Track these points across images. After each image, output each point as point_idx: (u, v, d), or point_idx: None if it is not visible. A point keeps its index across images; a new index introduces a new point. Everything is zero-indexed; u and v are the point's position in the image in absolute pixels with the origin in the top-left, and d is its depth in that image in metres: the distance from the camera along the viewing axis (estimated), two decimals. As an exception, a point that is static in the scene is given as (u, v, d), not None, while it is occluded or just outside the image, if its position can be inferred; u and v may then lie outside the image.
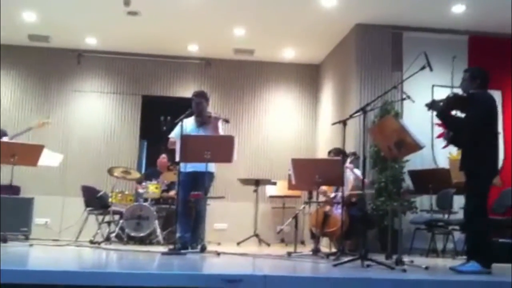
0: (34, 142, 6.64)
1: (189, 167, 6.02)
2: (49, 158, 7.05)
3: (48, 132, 8.95)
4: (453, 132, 4.88)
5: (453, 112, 4.94)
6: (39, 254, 5.52)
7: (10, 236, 6.80)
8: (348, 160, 6.40)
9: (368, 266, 4.47)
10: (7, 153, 6.13)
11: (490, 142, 4.61)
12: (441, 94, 7.66)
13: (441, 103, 4.77)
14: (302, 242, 8.34)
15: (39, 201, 8.12)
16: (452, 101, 4.79)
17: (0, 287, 3.24)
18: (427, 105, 4.83)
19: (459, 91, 5.00)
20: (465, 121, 4.71)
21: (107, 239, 7.16)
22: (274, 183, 8.75)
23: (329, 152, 6.76)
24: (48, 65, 9.67)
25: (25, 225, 7.72)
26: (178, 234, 5.90)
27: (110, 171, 7.73)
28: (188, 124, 6.15)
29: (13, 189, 7.95)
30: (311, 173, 5.75)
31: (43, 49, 9.57)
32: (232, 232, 8.73)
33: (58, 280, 3.35)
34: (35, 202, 8.00)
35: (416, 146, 5.00)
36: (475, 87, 4.70)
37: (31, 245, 6.42)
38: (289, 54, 9.66)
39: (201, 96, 6.27)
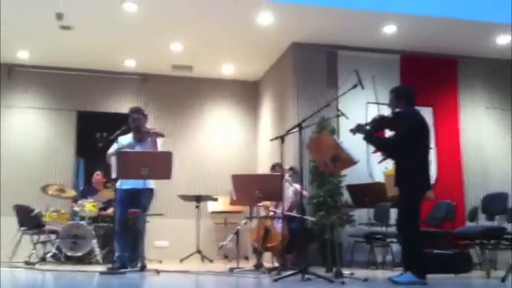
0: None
1: (126, 184, 5.91)
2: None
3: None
4: (383, 151, 5.03)
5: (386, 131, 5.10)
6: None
7: None
8: (286, 174, 6.47)
9: (308, 279, 4.53)
10: None
11: (420, 156, 4.78)
12: (375, 111, 7.99)
13: (368, 126, 4.91)
14: (246, 258, 8.35)
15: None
16: (378, 122, 4.95)
17: None
18: (351, 130, 4.96)
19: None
20: (393, 139, 4.89)
21: (43, 260, 6.90)
22: (216, 199, 8.73)
23: (274, 167, 6.80)
24: (-23, 80, 9.28)
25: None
26: (116, 253, 5.76)
27: (44, 189, 7.48)
28: (125, 141, 6.04)
29: None
30: (251, 188, 5.78)
31: (-27, 64, 9.18)
32: (174, 249, 8.62)
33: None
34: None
35: (350, 161, 5.13)
36: (402, 105, 4.88)
37: (-41, 268, 6.10)
38: (228, 70, 9.73)
39: (138, 112, 6.18)
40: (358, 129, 4.89)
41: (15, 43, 8.56)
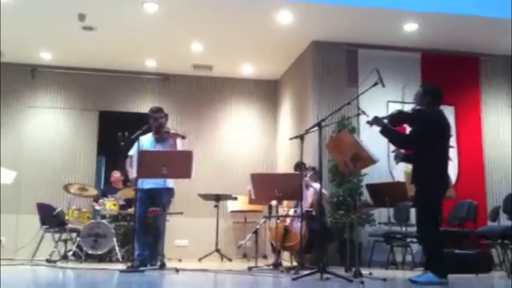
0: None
1: (146, 183, 5.96)
2: (2, 175, 6.85)
3: (1, 148, 8.74)
4: (399, 147, 4.98)
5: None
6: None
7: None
8: (308, 174, 6.45)
9: (327, 279, 4.51)
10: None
11: (439, 155, 4.71)
12: (396, 109, 7.92)
13: (385, 120, 4.87)
14: (265, 256, 8.35)
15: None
16: (396, 117, 4.90)
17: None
18: (368, 122, 4.92)
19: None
20: (409, 136, 4.84)
21: (64, 258, 6.99)
22: (235, 198, 8.74)
23: (297, 166, 6.76)
24: (1, 80, 9.40)
25: (-23, 244, 7.47)
26: (136, 252, 5.81)
27: (66, 188, 7.57)
28: (146, 141, 6.09)
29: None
30: (270, 187, 5.78)
31: (-3, 64, 9.33)
32: (194, 248, 8.66)
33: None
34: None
35: (370, 160, 5.10)
36: (426, 102, 4.82)
37: (-17, 265, 6.21)
38: (247, 70, 9.74)
39: (159, 112, 6.23)
40: (375, 121, 4.85)
41: (38, 44, 8.71)
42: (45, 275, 5.34)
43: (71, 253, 7.25)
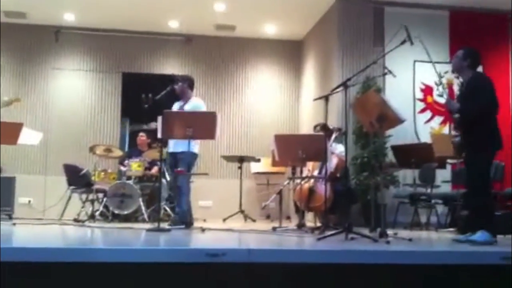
0: (13, 120, 6.50)
1: (172, 147, 6.14)
2: (28, 137, 6.93)
3: (27, 110, 8.85)
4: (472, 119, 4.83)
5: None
6: (23, 233, 5.48)
7: (-7, 216, 6.75)
8: (334, 135, 6.40)
9: (352, 239, 4.53)
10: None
11: (494, 117, 4.71)
12: (423, 69, 7.80)
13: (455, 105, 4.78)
14: (288, 218, 8.41)
15: (21, 181, 8.03)
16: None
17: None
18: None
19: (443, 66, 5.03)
20: (478, 107, 4.68)
21: (92, 217, 7.13)
22: (258, 160, 8.76)
23: (315, 127, 6.75)
24: (26, 42, 9.46)
25: (7, 204, 7.63)
26: (177, 209, 6.03)
27: (92, 149, 7.65)
28: (175, 106, 6.29)
29: (-7, 169, 7.89)
30: (294, 149, 5.75)
31: (20, 26, 9.33)
32: (218, 209, 8.75)
33: (44, 257, 3.32)
34: (17, 182, 7.91)
35: (397, 120, 5.03)
36: (465, 66, 4.76)
37: (14, 224, 6.37)
38: (271, 30, 9.60)
39: (183, 81, 6.33)
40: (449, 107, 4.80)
41: (61, 5, 8.68)
42: (75, 234, 5.46)
43: (98, 213, 7.39)
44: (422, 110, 8.07)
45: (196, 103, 6.30)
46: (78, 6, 8.73)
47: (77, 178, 7.73)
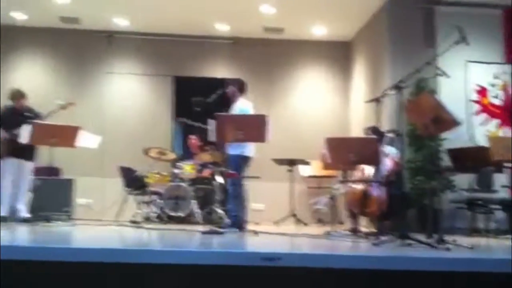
0: (71, 123, 6.70)
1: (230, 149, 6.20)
2: (87, 140, 7.17)
3: (82, 114, 9.11)
4: None
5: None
6: (82, 233, 5.66)
7: (53, 216, 7.00)
8: (386, 138, 6.28)
9: (408, 245, 4.43)
10: (46, 135, 6.26)
11: None
12: (476, 69, 7.58)
13: None
14: (340, 222, 8.31)
15: (80, 182, 8.25)
16: None
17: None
18: None
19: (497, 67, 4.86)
20: None
21: (147, 219, 7.29)
22: (308, 163, 8.71)
23: (366, 130, 6.65)
24: (80, 47, 9.73)
25: (67, 205, 7.88)
26: (233, 214, 6.06)
27: (146, 152, 7.83)
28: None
29: (54, 171, 8.17)
30: (346, 152, 5.68)
31: (75, 31, 9.63)
32: (269, 212, 8.76)
33: (102, 258, 3.41)
34: (76, 183, 8.16)
35: (453, 123, 4.91)
36: None
37: (73, 224, 6.59)
38: (319, 31, 9.56)
39: (233, 84, 6.40)
40: None
41: (114, 10, 8.93)
42: (131, 235, 5.59)
43: (153, 214, 7.54)
44: (477, 112, 7.85)
45: (240, 106, 6.31)
46: (130, 11, 8.95)
47: (133, 180, 7.93)
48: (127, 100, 9.77)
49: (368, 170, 6.29)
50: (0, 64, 9.51)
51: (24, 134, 6.37)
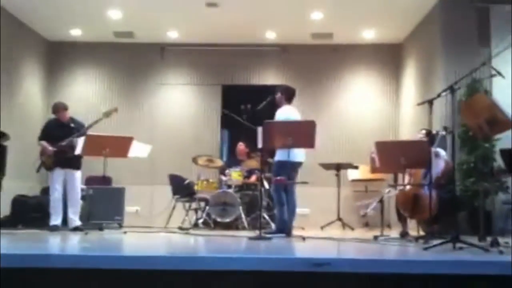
0: (124, 134, 6.88)
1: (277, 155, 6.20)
2: (138, 149, 7.32)
3: (135, 123, 9.35)
4: None
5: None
6: (134, 241, 5.78)
7: (105, 225, 7.19)
8: (440, 134, 6.13)
9: (460, 248, 4.32)
10: (100, 146, 6.43)
11: None
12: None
13: None
14: (388, 226, 8.20)
15: (129, 190, 8.46)
16: None
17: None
18: None
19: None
20: None
21: (195, 225, 7.39)
22: (356, 167, 8.63)
23: (421, 132, 6.50)
24: (133, 59, 10.02)
25: (118, 213, 8.10)
26: (280, 219, 6.10)
27: (194, 160, 7.95)
28: None
29: (105, 180, 8.38)
30: (396, 156, 5.60)
31: (128, 45, 9.92)
32: (315, 216, 8.72)
33: (154, 265, 3.47)
34: (125, 191, 8.36)
35: (508, 123, 4.75)
36: None
37: (125, 232, 6.74)
38: (368, 34, 9.46)
39: (281, 91, 6.44)
40: None
41: (165, 23, 9.17)
42: (180, 242, 5.68)
43: (201, 221, 7.65)
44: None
45: (282, 113, 6.29)
46: (181, 24, 9.16)
47: (181, 188, 8.07)
48: (177, 110, 9.96)
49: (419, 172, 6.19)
50: (57, 79, 9.91)
51: (78, 145, 6.55)
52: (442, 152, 6.27)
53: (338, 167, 8.57)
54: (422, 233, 5.90)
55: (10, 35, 8.52)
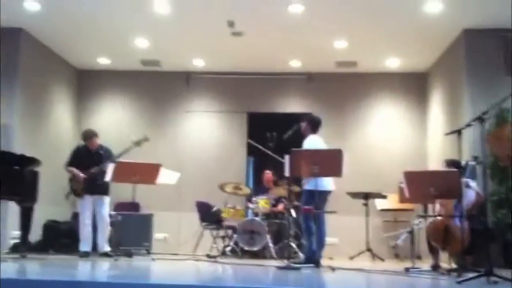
0: (151, 161, 6.95)
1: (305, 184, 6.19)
2: (167, 176, 7.41)
3: (162, 151, 9.45)
4: None
5: None
6: (162, 268, 5.80)
7: (134, 251, 7.24)
8: (470, 164, 6.05)
9: (495, 283, 4.23)
10: (129, 172, 6.53)
11: None
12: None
13: None
14: (419, 257, 8.05)
15: (157, 217, 8.51)
16: None
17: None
18: None
19: None
20: None
21: (223, 253, 7.37)
22: (384, 197, 8.54)
23: (445, 162, 6.44)
24: (160, 87, 10.19)
25: (146, 240, 8.14)
26: (308, 249, 6.06)
27: (222, 187, 7.98)
28: None
29: (134, 206, 8.46)
30: (425, 185, 5.55)
31: (155, 73, 10.11)
32: (344, 246, 8.63)
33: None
34: (153, 218, 8.41)
35: (538, 153, 4.66)
36: None
37: (153, 259, 6.77)
38: (393, 63, 9.48)
39: (306, 121, 6.46)
40: None
41: (191, 52, 9.31)
42: (208, 270, 5.67)
43: (229, 249, 7.63)
44: None
45: (306, 143, 6.28)
46: (207, 52, 9.29)
47: (209, 215, 8.09)
48: (203, 137, 10.06)
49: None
50: (86, 106, 10.12)
51: (107, 172, 6.65)
52: (472, 182, 6.17)
53: (367, 196, 8.48)
54: (454, 265, 5.77)
55: (41, 63, 8.84)
